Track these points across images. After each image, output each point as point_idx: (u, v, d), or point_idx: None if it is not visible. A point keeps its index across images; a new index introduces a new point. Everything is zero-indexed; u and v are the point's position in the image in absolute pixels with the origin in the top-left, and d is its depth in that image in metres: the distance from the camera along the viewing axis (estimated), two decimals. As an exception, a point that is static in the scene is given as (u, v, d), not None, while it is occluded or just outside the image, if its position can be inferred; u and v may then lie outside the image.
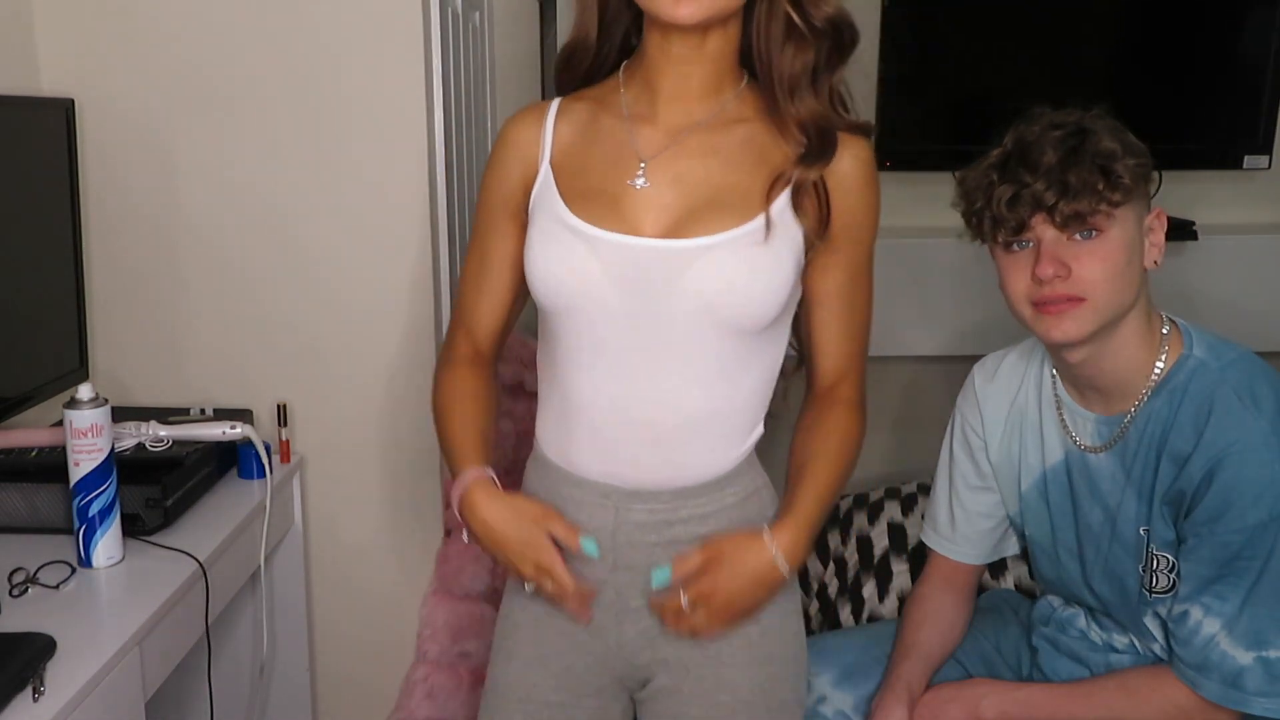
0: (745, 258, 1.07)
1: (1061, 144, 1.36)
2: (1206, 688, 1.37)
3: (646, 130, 1.10)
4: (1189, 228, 2.63)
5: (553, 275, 1.10)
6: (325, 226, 1.86)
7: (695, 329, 1.10)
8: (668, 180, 1.09)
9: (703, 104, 1.10)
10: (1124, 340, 1.41)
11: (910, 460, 2.91)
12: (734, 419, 1.20)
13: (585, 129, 1.13)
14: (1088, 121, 1.39)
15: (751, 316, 1.11)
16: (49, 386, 1.70)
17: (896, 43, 2.62)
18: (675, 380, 1.12)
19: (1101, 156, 1.34)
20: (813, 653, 1.67)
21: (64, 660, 1.23)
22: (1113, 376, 1.43)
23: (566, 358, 1.16)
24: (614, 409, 1.14)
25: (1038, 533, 1.59)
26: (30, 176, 1.66)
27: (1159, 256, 1.42)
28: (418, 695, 1.96)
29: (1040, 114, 1.42)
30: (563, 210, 1.10)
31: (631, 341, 1.11)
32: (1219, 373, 1.38)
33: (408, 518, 1.98)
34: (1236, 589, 1.34)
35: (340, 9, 1.80)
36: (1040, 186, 1.34)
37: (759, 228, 1.06)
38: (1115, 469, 1.45)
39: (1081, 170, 1.33)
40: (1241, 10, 2.67)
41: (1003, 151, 1.41)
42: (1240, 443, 1.32)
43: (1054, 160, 1.35)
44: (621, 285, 1.08)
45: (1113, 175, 1.33)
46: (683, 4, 1.00)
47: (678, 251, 1.07)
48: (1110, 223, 1.35)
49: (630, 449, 1.15)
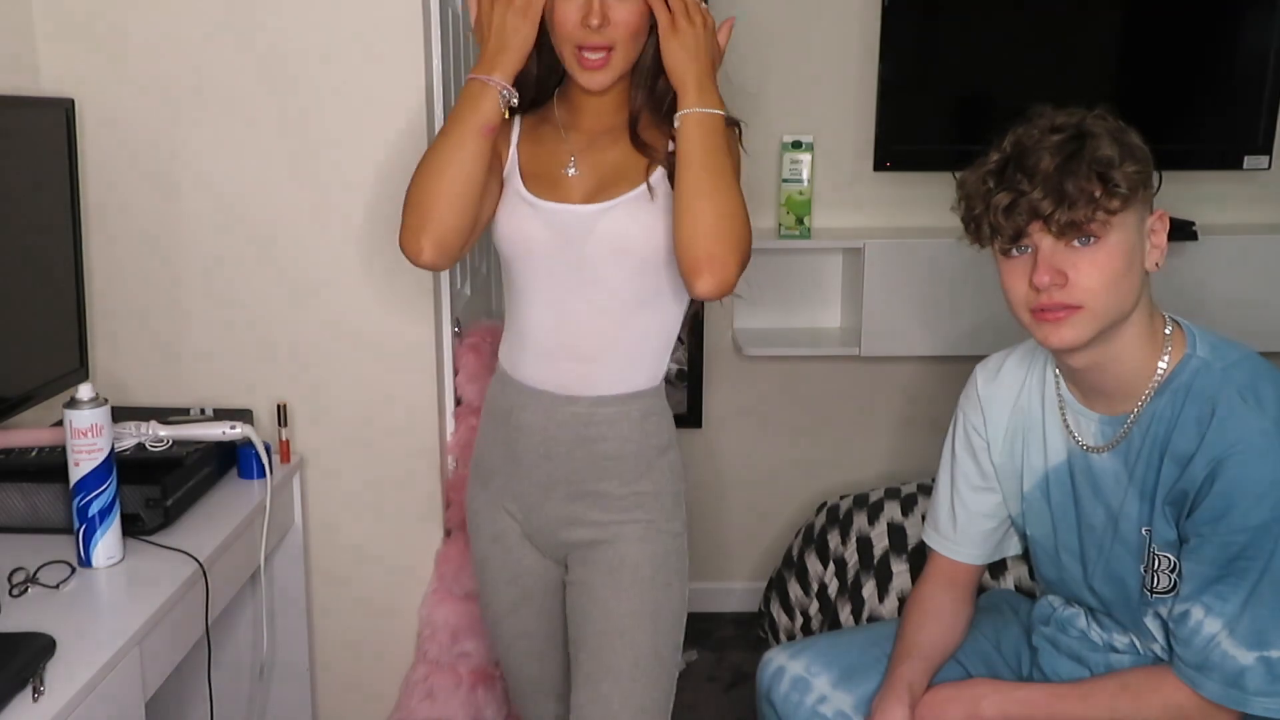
0: (634, 211, 1.50)
1: (1059, 149, 1.35)
2: (1207, 687, 1.37)
3: (574, 135, 1.56)
4: (1189, 228, 2.63)
5: (514, 232, 1.54)
6: (326, 227, 1.87)
7: (605, 267, 1.51)
8: (588, 167, 1.54)
9: (609, 118, 1.55)
10: (1126, 343, 1.40)
11: (910, 460, 2.92)
12: (638, 347, 1.57)
13: (535, 134, 1.58)
14: (1089, 123, 1.37)
15: (642, 250, 1.50)
16: (49, 386, 1.70)
17: (896, 43, 2.62)
18: (594, 310, 1.53)
19: (1099, 163, 1.33)
20: (813, 653, 1.67)
21: (64, 660, 1.23)
22: (1115, 378, 1.43)
23: (518, 296, 1.58)
24: (551, 333, 1.55)
25: (1039, 533, 1.59)
26: (30, 177, 1.66)
27: (1160, 259, 1.41)
28: (418, 695, 1.96)
29: (1041, 114, 1.40)
30: (520, 187, 1.54)
31: (564, 281, 1.53)
32: (1222, 373, 1.38)
33: (408, 518, 1.98)
34: (1238, 589, 1.34)
35: (340, 10, 1.80)
36: (1037, 195, 1.34)
37: (643, 192, 1.49)
38: (1118, 469, 1.45)
39: (1079, 178, 1.32)
40: (1241, 10, 2.67)
41: (1001, 156, 1.39)
42: (1243, 443, 1.32)
43: (1051, 167, 1.34)
44: (557, 238, 1.52)
45: (1110, 183, 1.33)
46: (594, 79, 1.48)
47: (593, 212, 1.51)
48: (1108, 229, 1.34)
49: (561, 364, 1.55)
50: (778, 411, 2.92)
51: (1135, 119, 1.41)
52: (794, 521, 2.91)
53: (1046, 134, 1.37)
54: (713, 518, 2.92)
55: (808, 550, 2.48)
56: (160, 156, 1.84)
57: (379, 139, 1.84)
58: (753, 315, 2.83)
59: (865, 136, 2.70)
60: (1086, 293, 1.35)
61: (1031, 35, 2.66)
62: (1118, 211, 1.34)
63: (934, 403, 2.78)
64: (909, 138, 2.66)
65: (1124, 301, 1.37)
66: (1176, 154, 2.75)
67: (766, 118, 2.70)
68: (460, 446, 1.98)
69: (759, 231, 2.77)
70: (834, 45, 2.70)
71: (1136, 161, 1.35)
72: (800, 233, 2.69)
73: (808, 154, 2.66)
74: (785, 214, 2.69)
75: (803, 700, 1.62)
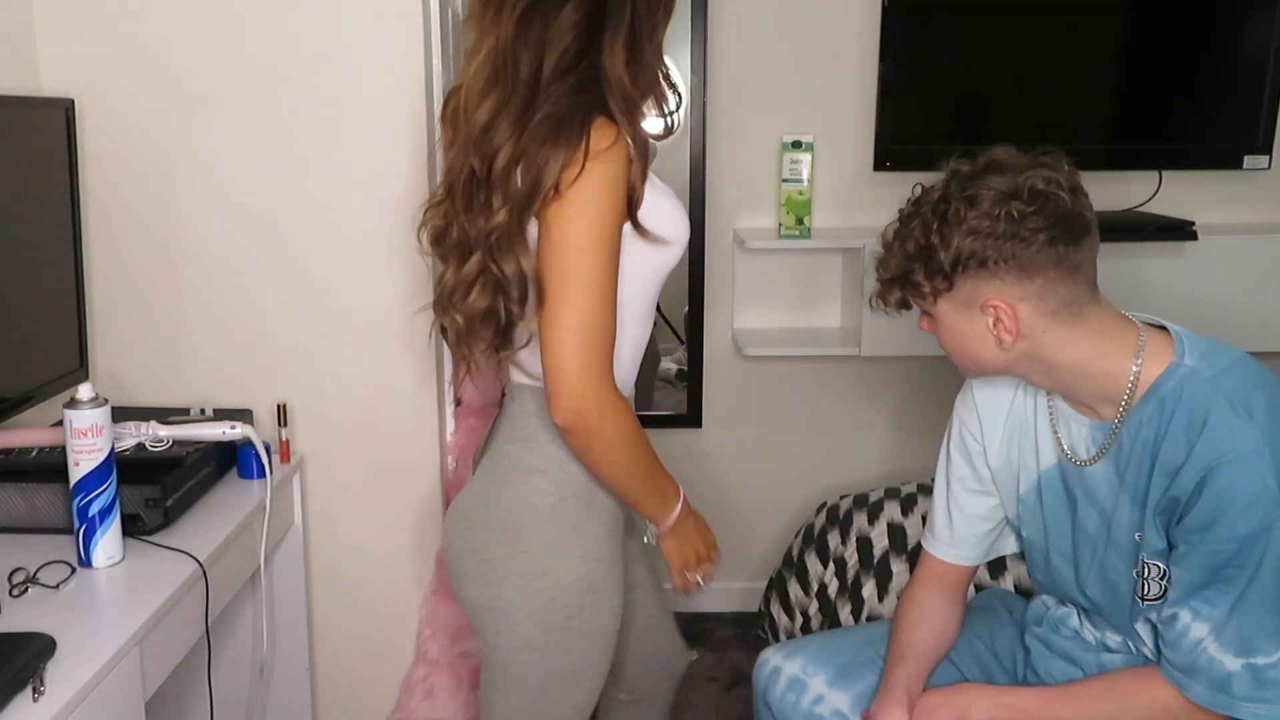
0: None
1: (891, 241, 1.44)
2: (1194, 691, 1.37)
3: None
4: (1189, 228, 2.63)
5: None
6: (325, 227, 1.87)
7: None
8: None
9: None
10: (1074, 365, 1.40)
11: (910, 460, 2.92)
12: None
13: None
14: (952, 194, 1.38)
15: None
16: (49, 386, 1.70)
17: (896, 43, 2.62)
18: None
19: (893, 278, 1.42)
20: (809, 652, 1.67)
21: (64, 660, 1.23)
22: (1085, 391, 1.44)
23: (648, 316, 1.46)
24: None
25: (1033, 535, 1.59)
26: (30, 176, 1.66)
27: (1005, 341, 1.38)
28: (418, 695, 1.96)
29: (946, 173, 1.44)
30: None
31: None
32: (1210, 382, 1.36)
33: (408, 518, 1.98)
34: (1225, 596, 1.34)
35: (340, 11, 1.80)
36: (879, 287, 1.46)
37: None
38: (1110, 475, 1.45)
39: (892, 285, 1.43)
40: (1241, 10, 2.67)
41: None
42: (1233, 451, 1.32)
43: (886, 258, 1.45)
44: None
45: (891, 297, 1.43)
46: None
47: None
48: (932, 309, 1.42)
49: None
50: (777, 411, 2.92)
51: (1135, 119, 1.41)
52: (794, 521, 2.91)
53: (901, 218, 1.44)
54: (712, 518, 2.90)
55: (808, 550, 2.48)
56: (160, 156, 1.84)
57: (379, 139, 1.84)
58: (753, 315, 2.83)
59: (865, 136, 2.71)
60: (945, 350, 1.47)
61: (1031, 35, 2.66)
62: (928, 301, 1.41)
63: (934, 403, 2.79)
64: (909, 138, 2.66)
65: (981, 365, 1.44)
66: (1176, 154, 2.75)
67: (766, 118, 2.70)
68: (460, 447, 1.98)
69: (759, 231, 2.80)
70: (834, 45, 2.70)
71: (930, 264, 1.38)
72: (800, 233, 2.69)
73: (808, 154, 2.66)
74: (785, 214, 2.69)
75: (799, 700, 1.62)
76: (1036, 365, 1.41)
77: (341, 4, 1.80)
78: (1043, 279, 1.34)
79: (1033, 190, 1.33)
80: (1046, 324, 1.37)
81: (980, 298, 1.37)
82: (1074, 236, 1.34)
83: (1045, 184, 1.34)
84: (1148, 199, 2.73)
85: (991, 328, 1.38)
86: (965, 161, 1.40)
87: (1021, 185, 1.34)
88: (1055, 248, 1.33)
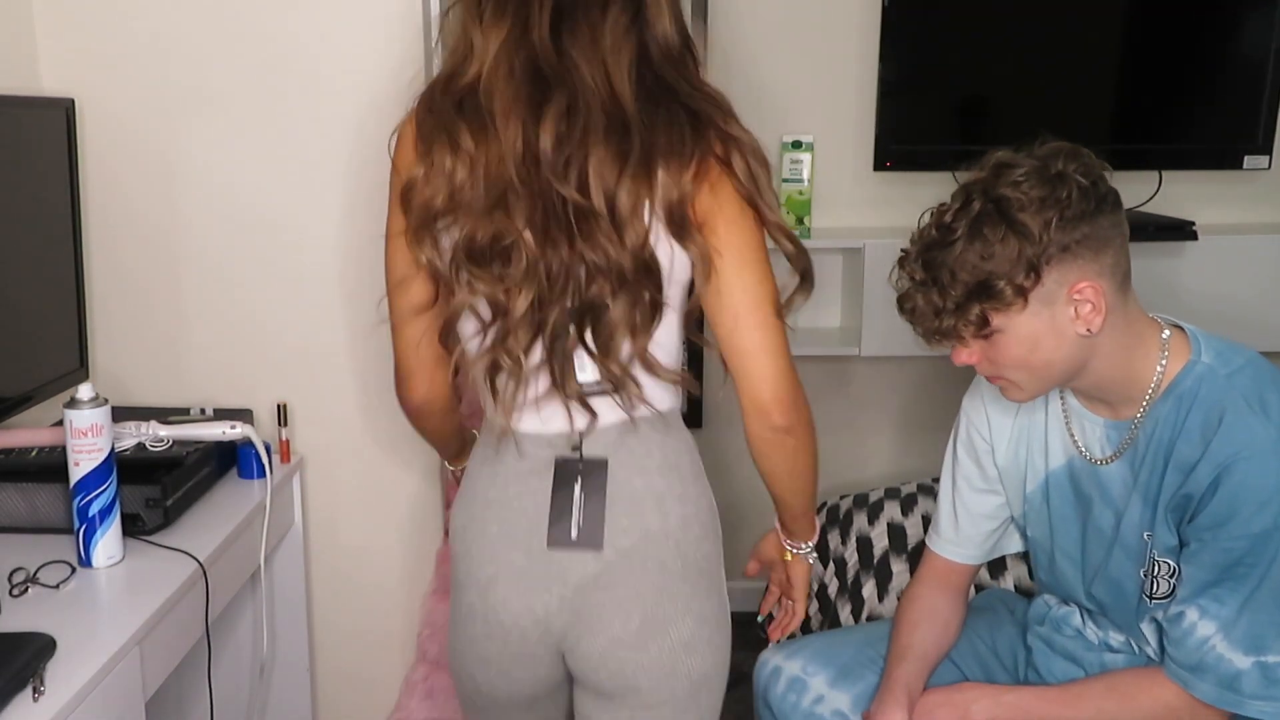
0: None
1: (920, 289, 1.37)
2: (1201, 688, 1.37)
3: None
4: (1189, 228, 2.63)
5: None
6: (325, 226, 1.87)
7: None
8: None
9: None
10: (1107, 365, 1.40)
11: (910, 460, 2.92)
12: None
13: None
14: (982, 214, 1.32)
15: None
16: (49, 386, 1.70)
17: (896, 43, 2.62)
18: None
19: (966, 295, 1.32)
20: (809, 652, 1.68)
21: (64, 660, 1.23)
22: (1111, 390, 1.43)
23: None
24: None
25: (1038, 534, 1.59)
26: (30, 176, 1.66)
27: (1094, 324, 1.33)
28: (418, 695, 1.96)
29: (964, 188, 1.38)
30: None
31: None
32: (1226, 379, 1.37)
33: (408, 518, 1.98)
34: (1235, 594, 1.34)
35: (341, 11, 1.80)
36: (920, 332, 1.40)
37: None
38: (1125, 474, 1.45)
39: (945, 316, 1.35)
40: (1241, 10, 2.67)
41: (903, 253, 1.44)
42: (1248, 449, 1.32)
43: (922, 308, 1.37)
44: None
45: (970, 315, 1.33)
46: None
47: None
48: (1002, 323, 1.34)
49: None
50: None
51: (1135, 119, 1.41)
52: (794, 521, 2.91)
53: (917, 257, 1.39)
54: (713, 517, 2.91)
55: (807, 550, 2.48)
56: (161, 156, 1.84)
57: (380, 139, 1.83)
58: (753, 315, 2.83)
59: (865, 136, 2.70)
60: (1006, 369, 1.38)
61: (1031, 35, 2.65)
62: (990, 327, 1.34)
63: (934, 403, 2.78)
64: (909, 138, 2.66)
65: (1051, 371, 1.38)
66: (1176, 154, 2.75)
67: (766, 118, 2.69)
68: (460, 446, 1.98)
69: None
70: (834, 45, 2.70)
71: (1015, 259, 1.30)
72: (800, 233, 2.68)
73: (808, 154, 2.66)
74: (785, 214, 2.68)
75: (799, 700, 1.62)
76: (1089, 356, 1.38)
77: (342, 4, 1.80)
78: (1111, 251, 1.35)
79: (1062, 170, 1.33)
80: (1120, 299, 1.36)
81: (1064, 287, 1.32)
82: (1118, 199, 1.37)
83: (1066, 160, 1.34)
84: (1148, 199, 2.73)
85: (1075, 317, 1.33)
86: (972, 171, 1.39)
87: (1050, 165, 1.34)
88: (1115, 213, 1.35)
